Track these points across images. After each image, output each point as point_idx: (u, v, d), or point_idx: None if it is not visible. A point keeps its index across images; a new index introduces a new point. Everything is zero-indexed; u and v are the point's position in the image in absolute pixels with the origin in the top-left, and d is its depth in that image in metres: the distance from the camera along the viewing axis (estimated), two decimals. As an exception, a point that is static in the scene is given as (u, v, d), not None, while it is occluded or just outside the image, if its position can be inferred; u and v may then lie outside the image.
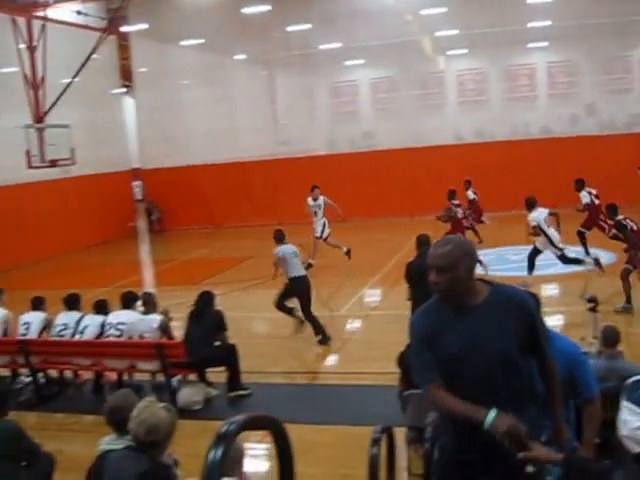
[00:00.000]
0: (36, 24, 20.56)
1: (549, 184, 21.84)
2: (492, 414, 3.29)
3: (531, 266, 13.55)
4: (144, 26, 26.61)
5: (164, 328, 9.32)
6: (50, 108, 20.40)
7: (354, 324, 12.91)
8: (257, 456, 6.97)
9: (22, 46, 20.19)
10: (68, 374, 10.36)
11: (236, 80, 27.15)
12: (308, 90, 27.73)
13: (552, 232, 13.39)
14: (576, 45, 31.52)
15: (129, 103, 29.59)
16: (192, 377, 9.48)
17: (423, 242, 9.70)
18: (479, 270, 11.54)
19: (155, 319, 9.35)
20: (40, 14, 20.77)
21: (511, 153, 23.82)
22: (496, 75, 33.78)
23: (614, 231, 12.96)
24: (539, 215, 13.45)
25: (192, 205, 23.95)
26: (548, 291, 13.57)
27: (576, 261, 13.50)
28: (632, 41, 32.91)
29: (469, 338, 3.52)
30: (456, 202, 17.64)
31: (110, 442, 4.66)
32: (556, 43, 32.36)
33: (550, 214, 13.68)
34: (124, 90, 29.14)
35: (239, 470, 4.30)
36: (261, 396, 8.99)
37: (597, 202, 15.54)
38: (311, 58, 26.44)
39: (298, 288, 11.37)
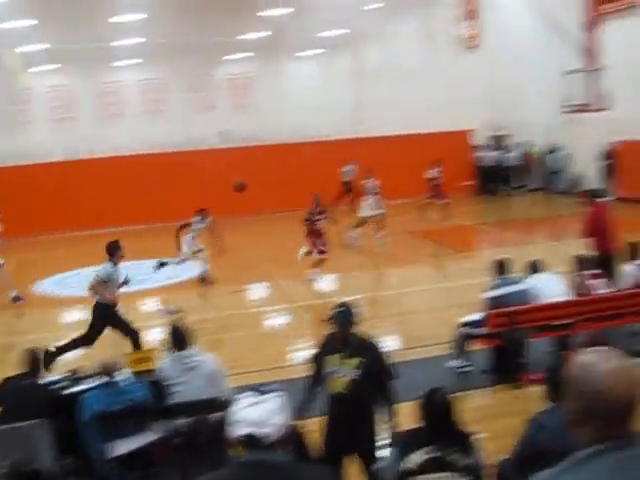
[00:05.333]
0: None
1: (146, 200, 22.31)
2: None
3: None
4: None
5: None
6: None
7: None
8: None
9: None
10: None
11: None
12: None
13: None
14: (165, 63, 32.61)
15: None
16: None
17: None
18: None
19: None
20: None
21: (109, 170, 23.43)
22: (88, 92, 33.36)
23: None
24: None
25: None
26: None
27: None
28: (218, 61, 35.07)
29: None
30: None
31: None
32: (146, 61, 33.06)
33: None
34: None
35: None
36: None
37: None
38: None
39: None
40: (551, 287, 8.61)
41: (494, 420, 7.00)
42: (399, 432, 4.91)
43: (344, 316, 5.25)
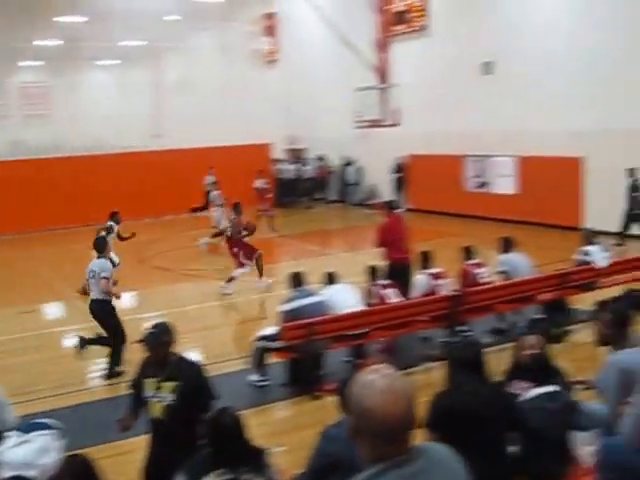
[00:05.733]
0: None
1: None
2: None
3: None
4: None
5: None
6: None
7: None
8: None
9: None
10: None
11: None
12: None
13: None
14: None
15: None
16: None
17: None
18: None
19: None
20: None
21: None
22: None
23: None
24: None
25: None
26: None
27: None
28: (10, 67, 33.14)
29: None
30: None
31: None
32: None
33: None
34: None
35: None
36: None
37: None
38: None
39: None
40: (346, 297, 8.85)
41: (293, 433, 7.06)
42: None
43: (156, 338, 5.02)
